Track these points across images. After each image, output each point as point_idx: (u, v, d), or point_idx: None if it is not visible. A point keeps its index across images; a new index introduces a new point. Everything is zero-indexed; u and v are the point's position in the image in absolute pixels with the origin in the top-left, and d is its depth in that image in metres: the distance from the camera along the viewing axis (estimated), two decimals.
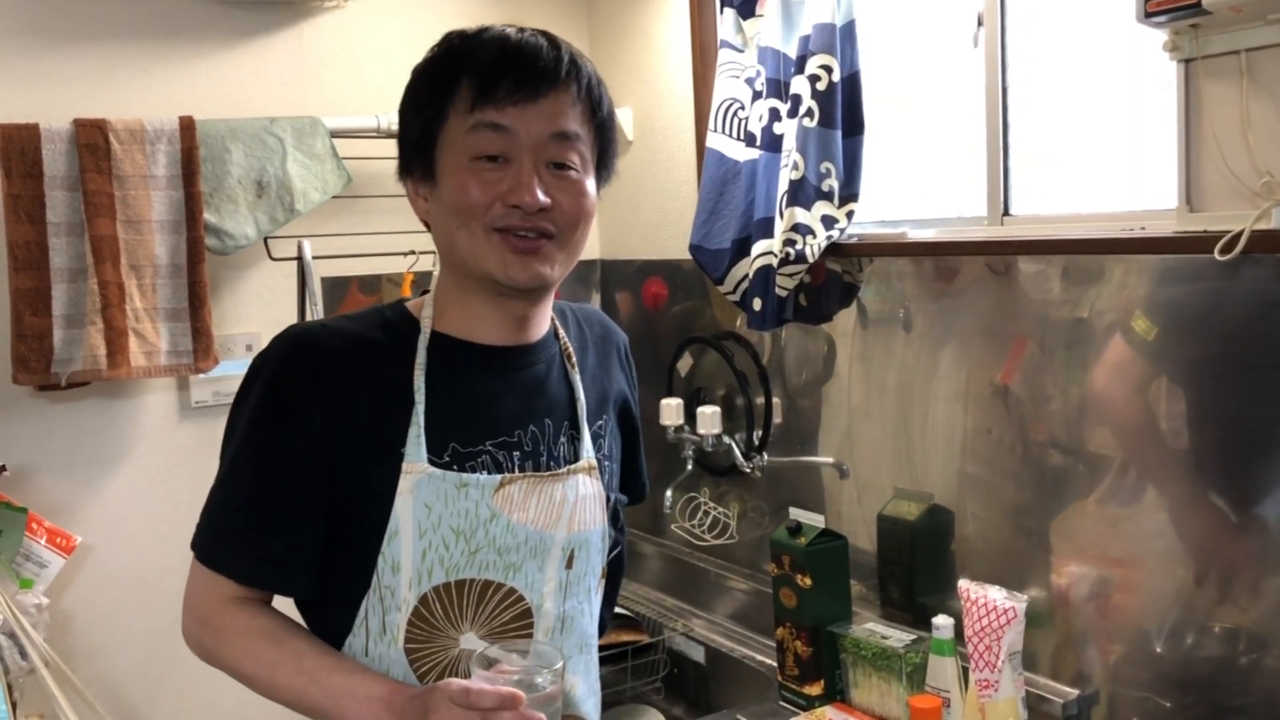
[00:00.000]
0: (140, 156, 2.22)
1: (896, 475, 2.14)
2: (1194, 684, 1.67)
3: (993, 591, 1.75)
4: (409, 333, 1.27)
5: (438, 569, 1.23)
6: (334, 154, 2.42)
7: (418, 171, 1.25)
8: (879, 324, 2.16)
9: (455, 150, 1.20)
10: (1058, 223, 1.89)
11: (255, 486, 1.22)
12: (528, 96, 1.18)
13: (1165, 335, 1.66)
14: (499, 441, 1.27)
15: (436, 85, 1.22)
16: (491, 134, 1.18)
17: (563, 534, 1.29)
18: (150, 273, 2.25)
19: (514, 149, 1.19)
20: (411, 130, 1.24)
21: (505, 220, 1.19)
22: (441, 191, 1.22)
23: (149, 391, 2.42)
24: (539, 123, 1.19)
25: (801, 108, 2.08)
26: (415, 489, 1.21)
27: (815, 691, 2.02)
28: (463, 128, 1.19)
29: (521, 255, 1.20)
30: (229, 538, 1.24)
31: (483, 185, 1.19)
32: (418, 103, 1.24)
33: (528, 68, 1.19)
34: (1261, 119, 1.50)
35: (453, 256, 1.24)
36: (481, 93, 1.18)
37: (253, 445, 1.23)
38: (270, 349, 1.25)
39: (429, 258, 2.56)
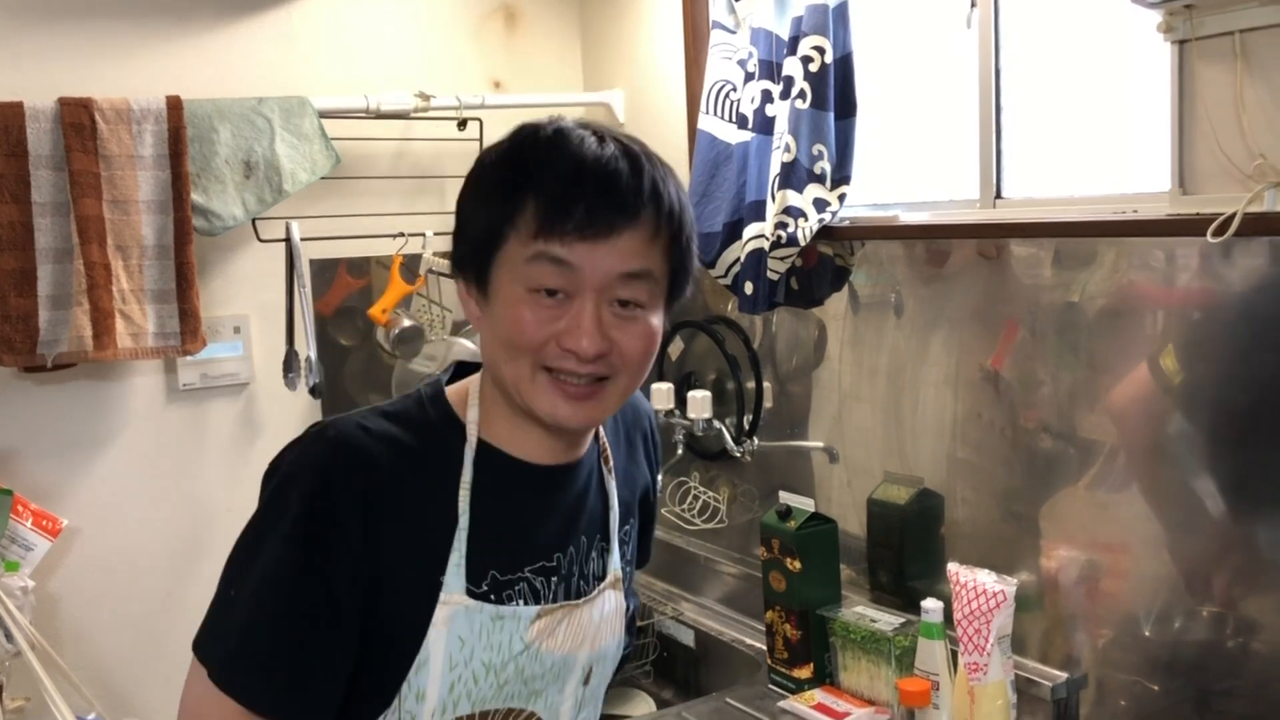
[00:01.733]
0: (127, 136, 2.20)
1: (886, 459, 2.13)
2: (1182, 668, 1.67)
3: (982, 575, 1.75)
4: (453, 440, 1.15)
5: (464, 701, 1.15)
6: (323, 134, 2.40)
7: (471, 275, 1.13)
8: (870, 308, 2.15)
9: (512, 275, 1.08)
10: (1050, 205, 1.88)
11: (288, 610, 1.08)
12: (599, 233, 1.05)
13: (1157, 320, 1.66)
14: (538, 567, 1.18)
15: (501, 192, 1.09)
16: (552, 268, 1.06)
17: (585, 654, 1.23)
18: (137, 253, 2.23)
19: (577, 286, 1.07)
20: (470, 232, 1.12)
21: (558, 363, 1.09)
22: (493, 313, 1.11)
23: (136, 374, 2.41)
24: (609, 260, 1.06)
25: (794, 89, 2.06)
26: (450, 620, 1.12)
27: (804, 674, 2.02)
28: (523, 254, 1.07)
29: (572, 401, 1.10)
30: (252, 661, 1.08)
31: (537, 322, 1.07)
32: (478, 203, 1.11)
33: (602, 199, 1.06)
34: (1255, 101, 1.49)
35: (499, 380, 1.14)
36: (547, 223, 1.05)
37: (288, 564, 1.08)
38: (307, 452, 1.11)
39: (418, 240, 2.55)
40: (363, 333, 2.63)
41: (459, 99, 2.56)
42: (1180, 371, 1.63)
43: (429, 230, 2.57)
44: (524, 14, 2.81)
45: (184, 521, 2.47)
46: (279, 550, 1.08)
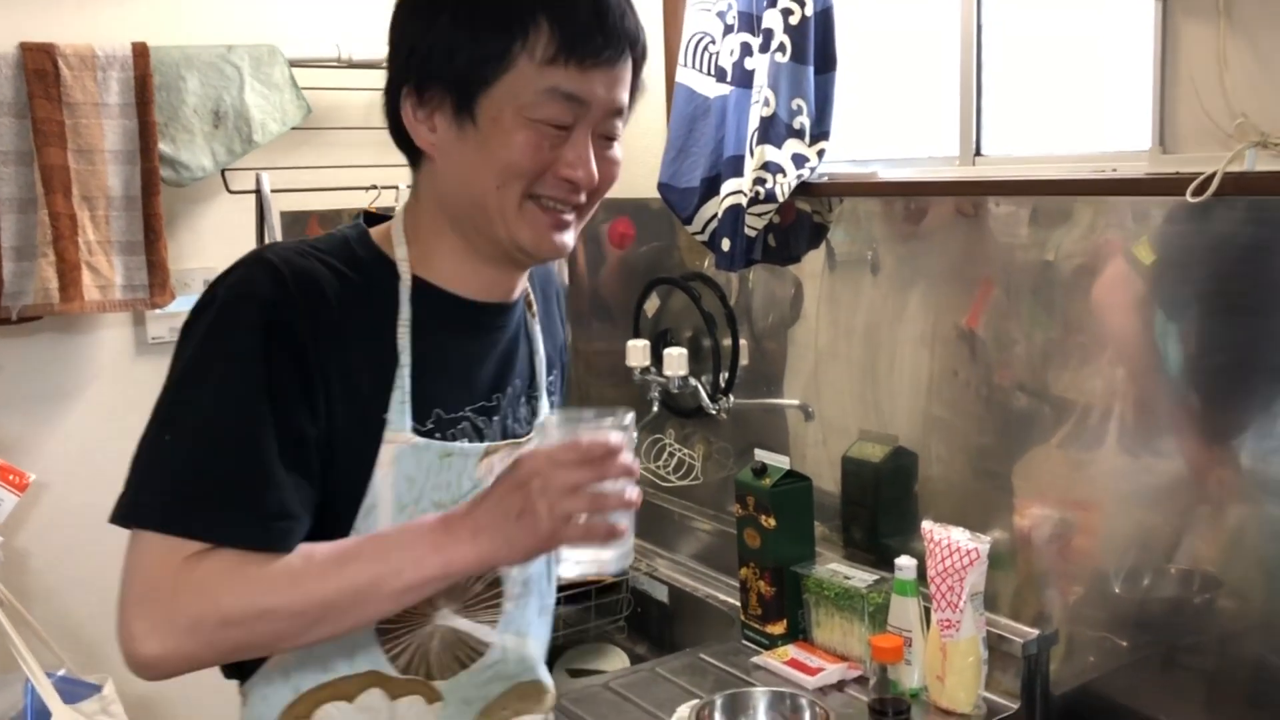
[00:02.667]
0: (91, 84, 2.15)
1: (862, 417, 2.13)
2: (1150, 624, 1.69)
3: (956, 533, 1.76)
4: (385, 276, 1.11)
5: None
6: (293, 84, 2.36)
7: (443, 100, 1.06)
8: (847, 266, 2.14)
9: (518, 102, 1.04)
10: (1029, 163, 1.87)
11: (245, 442, 1.00)
12: (609, 59, 1.06)
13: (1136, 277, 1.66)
14: (479, 407, 1.16)
15: (510, 16, 1.04)
16: (565, 103, 1.05)
17: None
18: (103, 204, 2.19)
19: (580, 119, 1.07)
20: (457, 53, 1.05)
21: (550, 190, 1.08)
22: (484, 139, 1.06)
23: (104, 326, 2.37)
24: (609, 93, 1.07)
25: (773, 42, 2.04)
26: (397, 459, 1.08)
27: (778, 631, 2.03)
28: (536, 82, 1.04)
29: (556, 230, 1.10)
30: (224, 503, 1.00)
31: (540, 149, 1.06)
32: (475, 25, 1.05)
33: (616, 28, 1.06)
34: (1238, 59, 1.48)
35: (468, 207, 1.09)
36: (566, 46, 1.03)
37: (245, 384, 1.01)
38: (252, 274, 1.04)
39: (391, 193, 2.51)
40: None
41: None
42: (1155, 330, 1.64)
43: (402, 183, 2.53)
44: None
45: None
46: (232, 374, 1.01)
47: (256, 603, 0.98)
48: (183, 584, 0.97)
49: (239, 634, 0.99)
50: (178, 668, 0.99)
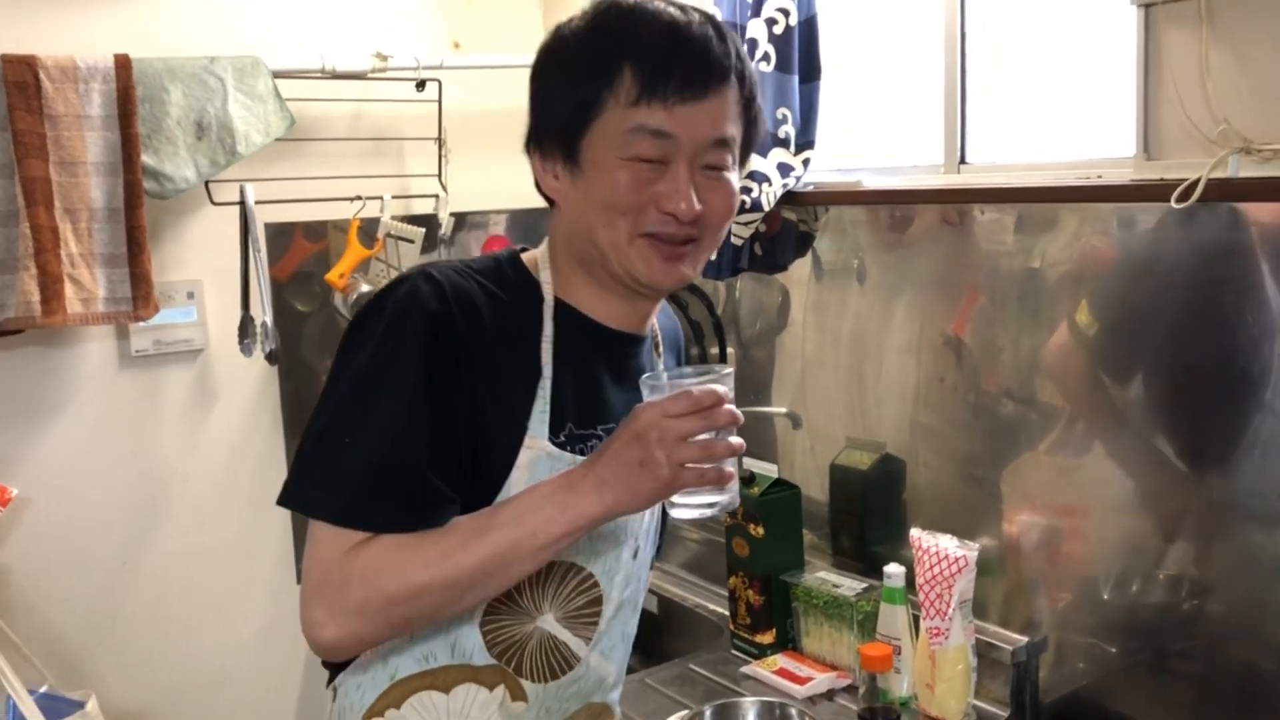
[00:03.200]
0: (73, 95, 2.14)
1: (849, 425, 2.13)
2: (1139, 630, 1.69)
3: (944, 540, 1.76)
4: (533, 298, 1.21)
5: None
6: (277, 95, 2.34)
7: (556, 151, 1.17)
8: (833, 274, 2.14)
9: (610, 144, 1.13)
10: (1014, 171, 1.88)
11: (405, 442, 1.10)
12: (695, 95, 1.12)
13: (1118, 285, 1.66)
14: (608, 428, 1.22)
15: (595, 66, 1.13)
16: (651, 139, 1.12)
17: (635, 525, 1.27)
18: (86, 216, 2.17)
19: (673, 153, 1.13)
20: (558, 107, 1.16)
21: (658, 227, 1.14)
22: (587, 183, 1.15)
23: (86, 340, 2.35)
24: (702, 126, 1.13)
25: (758, 52, 2.04)
26: (533, 465, 1.16)
27: (767, 640, 2.03)
28: (623, 123, 1.12)
29: (669, 262, 1.16)
30: (385, 499, 1.10)
31: (637, 186, 1.13)
32: (570, 79, 1.15)
33: (698, 62, 1.12)
34: (1220, 67, 1.49)
35: (587, 246, 1.18)
36: (648, 87, 1.11)
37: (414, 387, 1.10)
38: (418, 289, 1.14)
39: (375, 203, 2.51)
40: (320, 298, 2.59)
41: (417, 59, 2.51)
42: (1141, 336, 1.64)
43: (387, 194, 2.52)
44: None
45: (138, 490, 2.42)
46: (405, 383, 1.10)
47: (414, 581, 1.08)
48: (350, 573, 1.08)
49: (403, 610, 1.09)
50: (356, 647, 1.14)
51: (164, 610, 2.44)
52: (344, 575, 1.08)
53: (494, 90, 2.68)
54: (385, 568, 1.08)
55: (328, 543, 1.09)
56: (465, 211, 2.71)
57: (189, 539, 2.45)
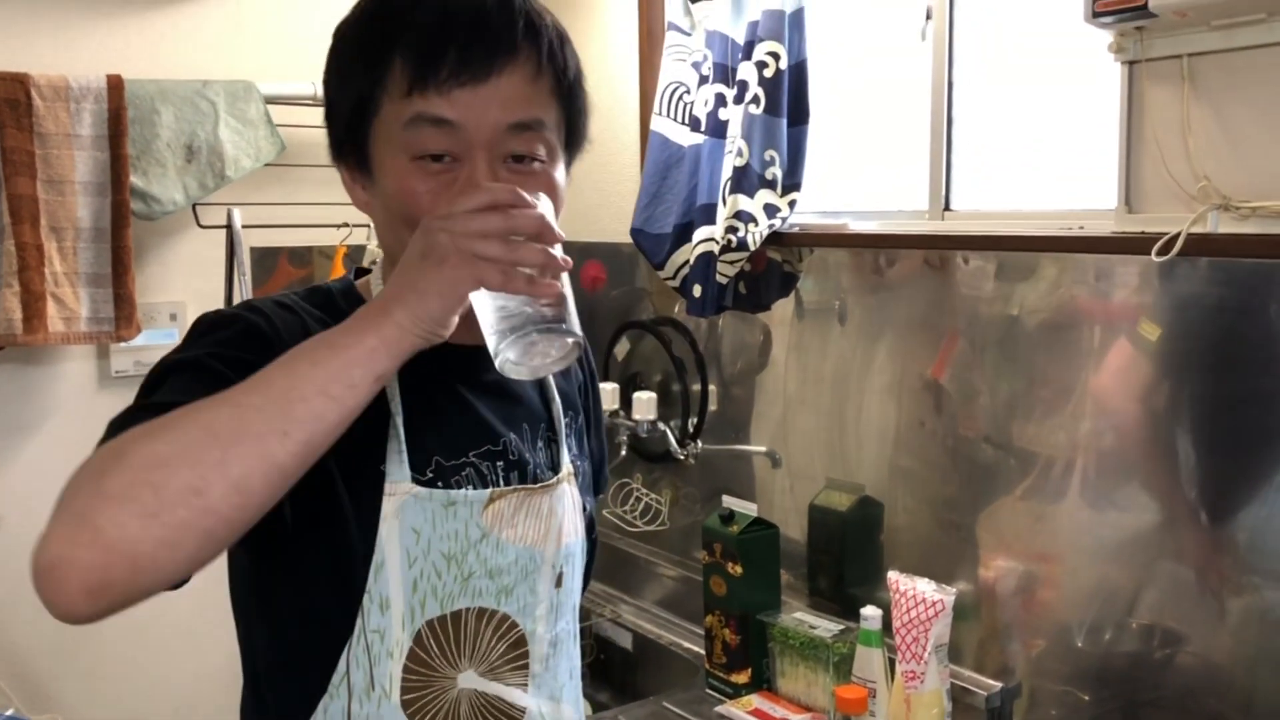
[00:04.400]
0: (64, 115, 2.14)
1: (829, 465, 2.14)
2: (1112, 678, 1.69)
3: (922, 584, 1.76)
4: None
5: (430, 600, 1.06)
6: (268, 120, 2.36)
7: (351, 158, 1.04)
8: (815, 315, 2.16)
9: (392, 145, 0.99)
10: (997, 219, 1.90)
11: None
12: (476, 75, 0.97)
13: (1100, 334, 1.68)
14: (482, 451, 1.10)
15: (365, 57, 1.00)
16: (433, 130, 0.97)
17: (552, 550, 1.14)
18: (72, 235, 2.17)
19: (463, 145, 0.98)
20: (339, 110, 1.03)
21: None
22: (381, 190, 1.02)
23: (67, 359, 2.34)
24: (492, 110, 0.98)
25: (748, 94, 2.06)
26: (401, 512, 1.03)
27: (742, 680, 2.02)
28: (399, 118, 0.98)
29: None
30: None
31: (429, 190, 0.98)
32: (343, 76, 1.03)
33: (473, 38, 0.97)
34: (1201, 124, 1.51)
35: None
36: (419, 74, 0.96)
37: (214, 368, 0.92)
38: (232, 311, 1.01)
39: (362, 231, 2.51)
40: None
41: None
42: (1119, 387, 1.66)
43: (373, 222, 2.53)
44: None
45: None
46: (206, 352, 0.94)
47: (140, 451, 0.80)
48: (80, 472, 0.82)
49: (131, 511, 0.78)
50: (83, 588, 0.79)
51: (134, 635, 2.42)
52: (118, 450, 0.81)
53: None
54: (133, 438, 0.82)
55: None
56: None
57: None
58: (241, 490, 0.81)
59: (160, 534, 0.79)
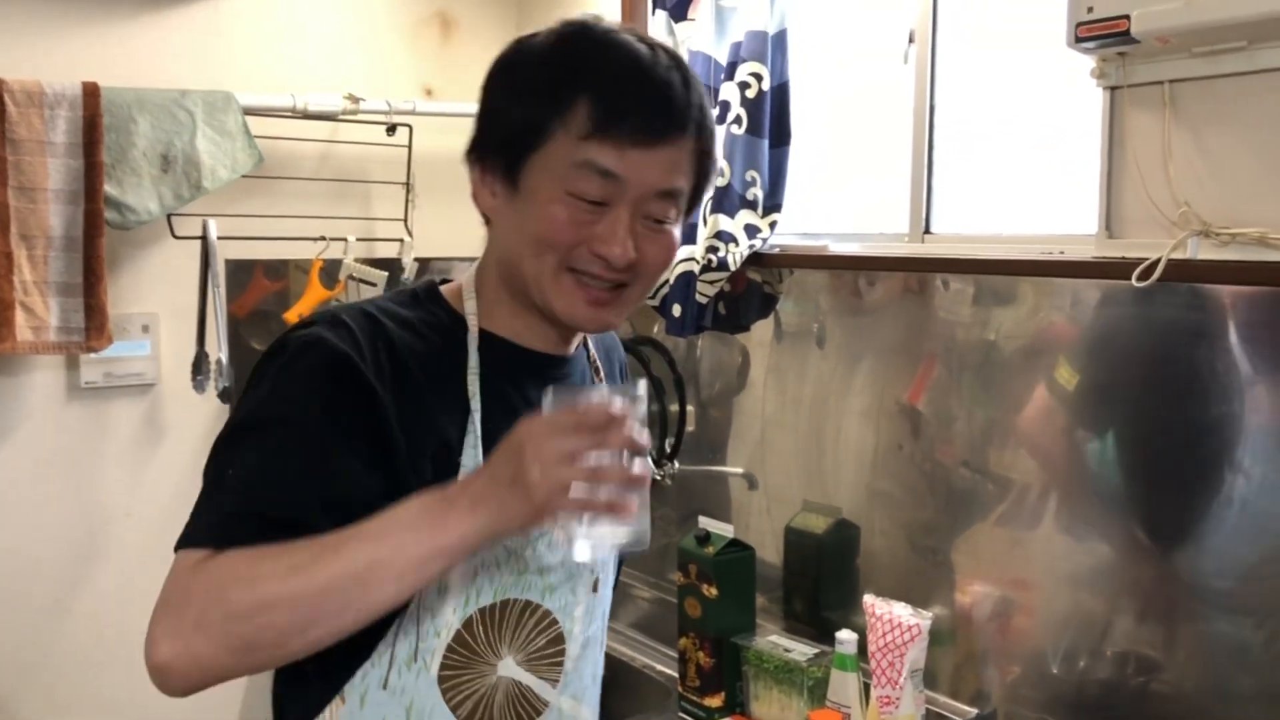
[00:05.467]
0: (38, 121, 2.11)
1: (806, 488, 2.13)
2: (1087, 705, 1.68)
3: (898, 608, 1.75)
4: (454, 329, 1.15)
5: (487, 589, 1.12)
6: (246, 131, 2.33)
7: (496, 167, 1.11)
8: (794, 337, 2.15)
9: (553, 175, 1.07)
10: (978, 242, 1.90)
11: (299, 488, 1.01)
12: (651, 141, 1.06)
13: (1077, 360, 1.68)
14: None
15: (549, 86, 1.07)
16: (599, 178, 1.06)
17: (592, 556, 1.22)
18: (43, 244, 2.14)
19: (616, 196, 1.07)
20: (505, 124, 1.10)
21: (585, 266, 1.09)
22: (522, 208, 1.09)
23: (35, 369, 2.30)
24: (652, 174, 1.07)
25: (730, 115, 2.06)
26: None
27: (715, 703, 2.00)
28: (569, 156, 1.06)
29: (591, 305, 1.11)
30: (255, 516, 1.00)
31: (573, 224, 1.07)
32: (521, 97, 1.09)
33: (659, 107, 1.06)
34: (1182, 150, 1.52)
35: (513, 271, 1.13)
36: (602, 123, 1.04)
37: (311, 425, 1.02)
38: (320, 327, 1.07)
39: (339, 245, 2.49)
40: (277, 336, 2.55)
41: (389, 104, 2.51)
42: (1097, 413, 1.65)
43: (351, 235, 2.51)
44: (460, 23, 2.78)
45: (79, 525, 2.36)
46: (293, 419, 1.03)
47: (259, 592, 0.95)
48: (193, 584, 0.96)
49: (245, 629, 0.95)
50: (195, 673, 0.96)
51: (97, 653, 2.37)
52: (187, 587, 0.96)
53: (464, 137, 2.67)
54: (230, 577, 0.95)
55: (179, 563, 0.99)
56: (429, 257, 2.70)
57: (128, 579, 2.39)
58: (312, 645, 0.99)
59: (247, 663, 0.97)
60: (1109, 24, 1.45)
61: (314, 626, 0.97)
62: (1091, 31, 1.48)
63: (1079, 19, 1.49)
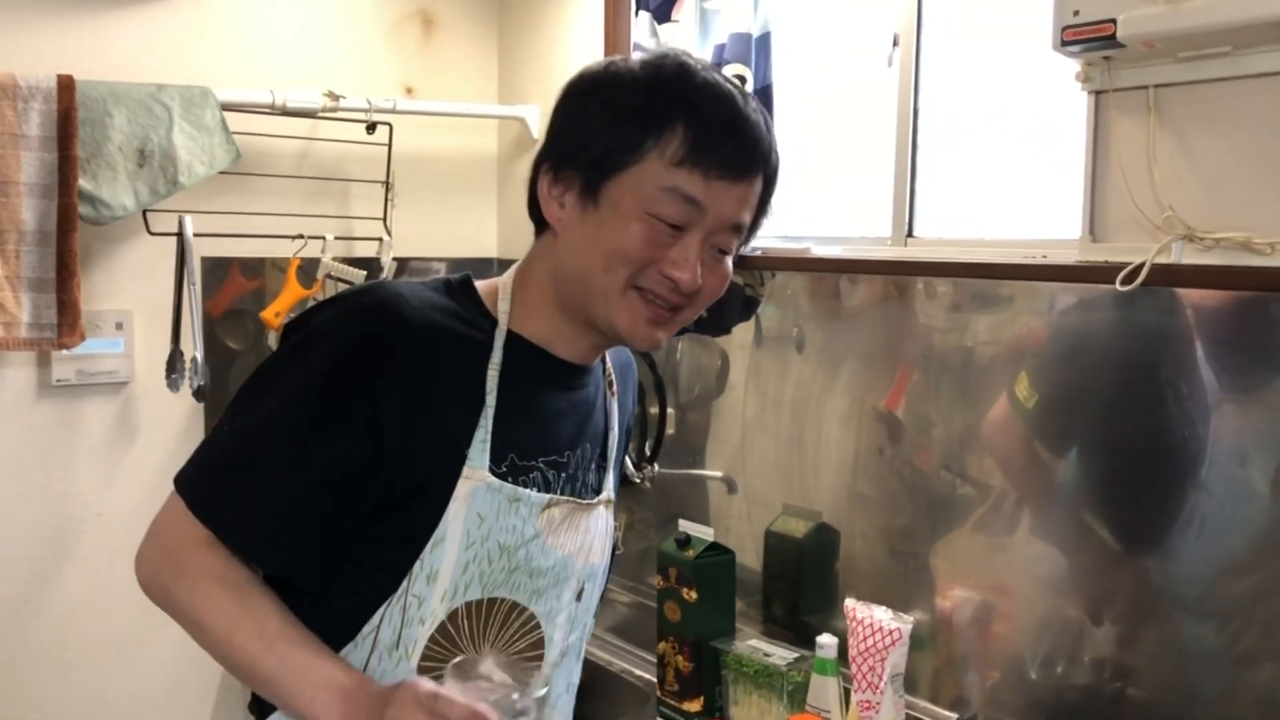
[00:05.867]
0: (10, 113, 2.08)
1: (786, 491, 2.12)
2: (1065, 710, 1.68)
3: (879, 612, 1.74)
4: (483, 324, 1.19)
5: (475, 584, 1.17)
6: (224, 127, 2.31)
7: (574, 181, 1.15)
8: (774, 340, 2.14)
9: (638, 195, 1.12)
10: (961, 246, 1.90)
11: (286, 456, 1.10)
12: (735, 175, 1.13)
13: (1057, 364, 1.67)
14: (550, 460, 1.22)
15: (647, 114, 1.12)
16: (683, 204, 1.11)
17: (581, 564, 1.26)
18: (15, 238, 2.10)
19: (694, 223, 1.13)
20: (595, 142, 1.14)
21: (652, 284, 1.14)
22: (601, 222, 1.14)
23: (5, 366, 2.27)
24: (729, 206, 1.14)
25: None
26: (472, 496, 1.15)
27: (694, 708, 1.99)
28: (658, 180, 1.11)
29: (651, 323, 1.16)
30: (236, 500, 1.11)
31: (652, 244, 1.12)
32: (616, 118, 1.13)
33: (748, 147, 1.14)
34: (1166, 154, 1.52)
35: (574, 282, 1.17)
36: (695, 152, 1.10)
37: (300, 412, 1.10)
38: (348, 311, 1.14)
39: (317, 243, 2.46)
40: (253, 336, 2.53)
41: (369, 101, 2.49)
42: (1078, 417, 1.65)
43: (329, 234, 2.48)
44: (441, 21, 2.76)
45: (48, 524, 2.33)
46: (294, 400, 1.10)
47: (201, 616, 1.09)
48: (182, 557, 1.10)
49: (182, 622, 1.12)
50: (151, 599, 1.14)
51: (68, 653, 2.34)
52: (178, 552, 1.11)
53: (444, 137, 2.66)
54: (197, 584, 1.10)
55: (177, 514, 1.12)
56: (408, 257, 2.68)
57: (98, 579, 2.35)
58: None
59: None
60: (1094, 28, 1.45)
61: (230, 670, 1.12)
62: (1077, 35, 1.47)
63: (1064, 23, 1.49)
